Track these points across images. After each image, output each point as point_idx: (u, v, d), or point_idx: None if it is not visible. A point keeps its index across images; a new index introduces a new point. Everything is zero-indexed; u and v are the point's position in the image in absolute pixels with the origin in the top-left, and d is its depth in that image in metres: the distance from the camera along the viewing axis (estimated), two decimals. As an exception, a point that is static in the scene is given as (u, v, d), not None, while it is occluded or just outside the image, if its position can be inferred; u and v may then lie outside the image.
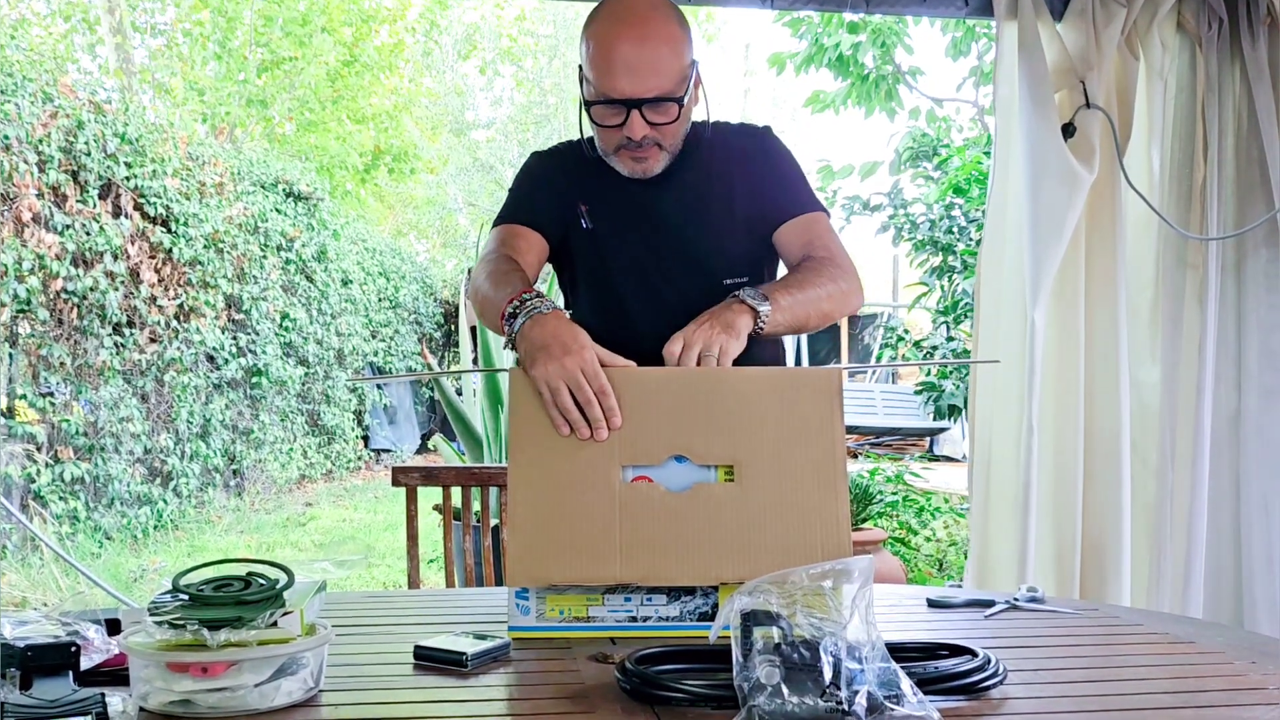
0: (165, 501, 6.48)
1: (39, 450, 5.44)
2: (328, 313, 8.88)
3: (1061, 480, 2.72)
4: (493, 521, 2.94)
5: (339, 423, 9.17)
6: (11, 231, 5.23)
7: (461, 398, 5.22)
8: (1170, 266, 2.78)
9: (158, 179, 6.41)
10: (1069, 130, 2.66)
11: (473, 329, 5.15)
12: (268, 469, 7.89)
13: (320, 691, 1.08)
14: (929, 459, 9.47)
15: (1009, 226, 2.74)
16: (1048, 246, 2.63)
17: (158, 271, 6.47)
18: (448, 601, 1.65)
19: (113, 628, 1.19)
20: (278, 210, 8.10)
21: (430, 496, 2.59)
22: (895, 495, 5.49)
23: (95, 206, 5.84)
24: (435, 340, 12.00)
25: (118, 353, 6.07)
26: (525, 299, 1.46)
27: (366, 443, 9.91)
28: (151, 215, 6.38)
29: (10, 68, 5.42)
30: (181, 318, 6.76)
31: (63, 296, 5.61)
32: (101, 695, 0.99)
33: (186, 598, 1.04)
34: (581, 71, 1.66)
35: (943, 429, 9.82)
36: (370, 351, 9.93)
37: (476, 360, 4.93)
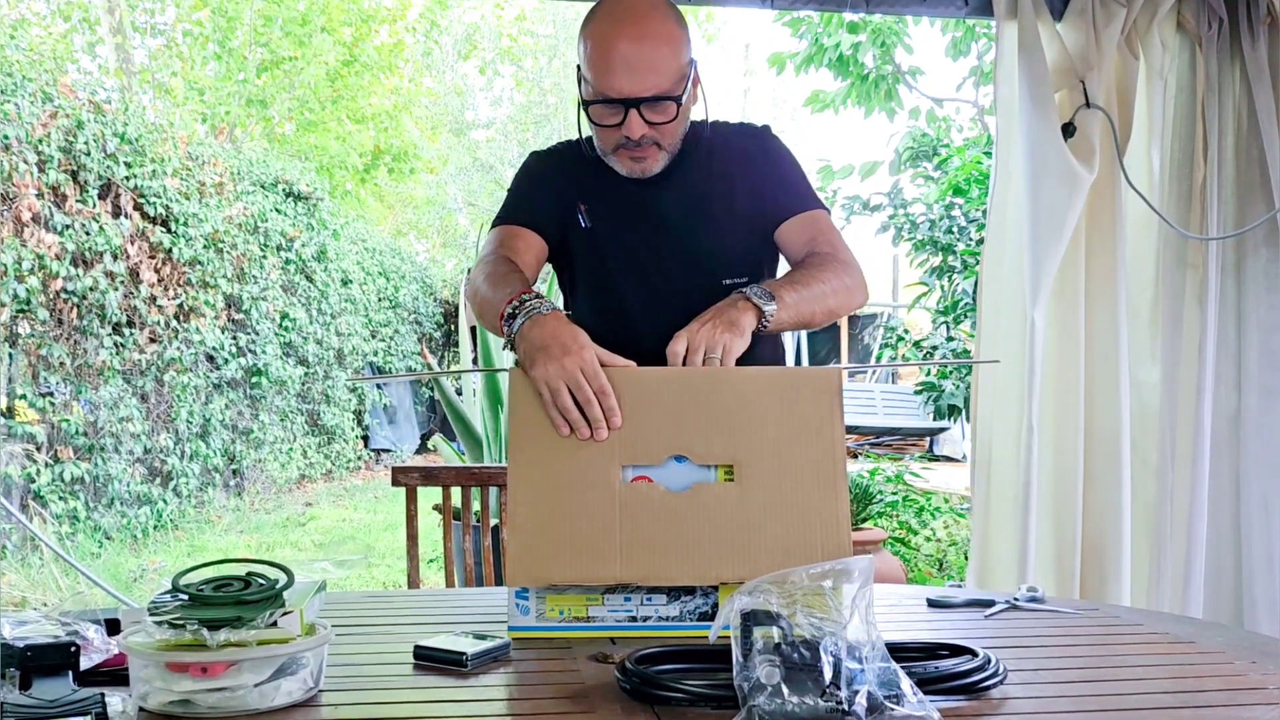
0: (165, 501, 6.48)
1: (39, 450, 5.44)
2: (327, 313, 8.88)
3: (1061, 480, 2.72)
4: (492, 521, 2.94)
5: (339, 423, 9.18)
6: (11, 231, 5.23)
7: (461, 398, 5.22)
8: (1170, 266, 2.78)
9: (157, 179, 6.41)
10: (1069, 130, 2.66)
11: (472, 329, 5.15)
12: (267, 469, 7.89)
13: (320, 691, 1.08)
14: (929, 459, 9.47)
15: (1009, 226, 2.74)
16: (1048, 246, 2.63)
17: (157, 271, 6.47)
18: (447, 601, 1.65)
19: (112, 628, 1.19)
20: (277, 210, 8.10)
21: (430, 496, 2.59)
22: (895, 495, 5.49)
23: (95, 206, 5.84)
24: (435, 340, 12.00)
25: (117, 353, 6.07)
26: (524, 300, 1.45)
27: (366, 443, 9.91)
28: (151, 215, 6.38)
29: (10, 68, 5.42)
30: (181, 318, 6.76)
31: (62, 296, 5.61)
32: (101, 695, 0.99)
33: (186, 598, 1.04)
34: (580, 71, 1.66)
35: (943, 429, 9.83)
36: (370, 351, 9.93)
37: (476, 360, 4.93)
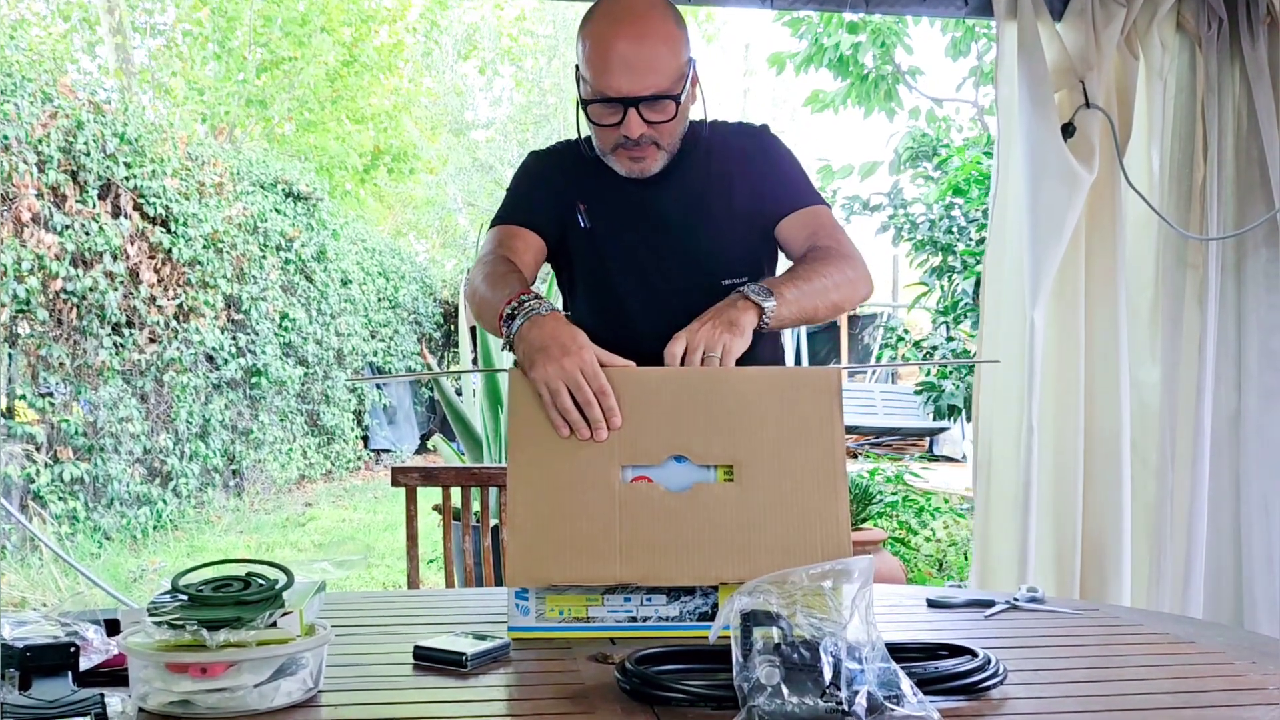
0: (165, 502, 6.47)
1: (38, 450, 5.44)
2: (327, 313, 8.88)
3: (1062, 480, 2.72)
4: (492, 522, 2.94)
5: (338, 423, 9.17)
6: (11, 232, 5.23)
7: (461, 398, 5.22)
8: (1170, 266, 2.78)
9: (157, 179, 6.41)
10: (1069, 130, 2.66)
11: (472, 329, 5.14)
12: (267, 469, 7.89)
13: (320, 692, 1.08)
14: (929, 459, 9.47)
15: (1010, 227, 2.74)
16: (1047, 246, 2.63)
17: (157, 272, 6.46)
18: (447, 602, 1.65)
19: (112, 628, 1.18)
20: (277, 210, 8.10)
21: (430, 497, 2.59)
22: (895, 495, 5.48)
23: (95, 207, 5.84)
24: (435, 340, 12.00)
25: (117, 353, 6.07)
26: (523, 300, 1.45)
27: (366, 443, 9.90)
28: (151, 215, 6.38)
29: (10, 68, 5.42)
30: (181, 318, 6.75)
31: (62, 297, 5.61)
32: (101, 696, 0.99)
33: (186, 598, 1.03)
34: (578, 71, 1.65)
35: (943, 429, 9.82)
36: (370, 351, 9.92)
37: (476, 360, 4.93)
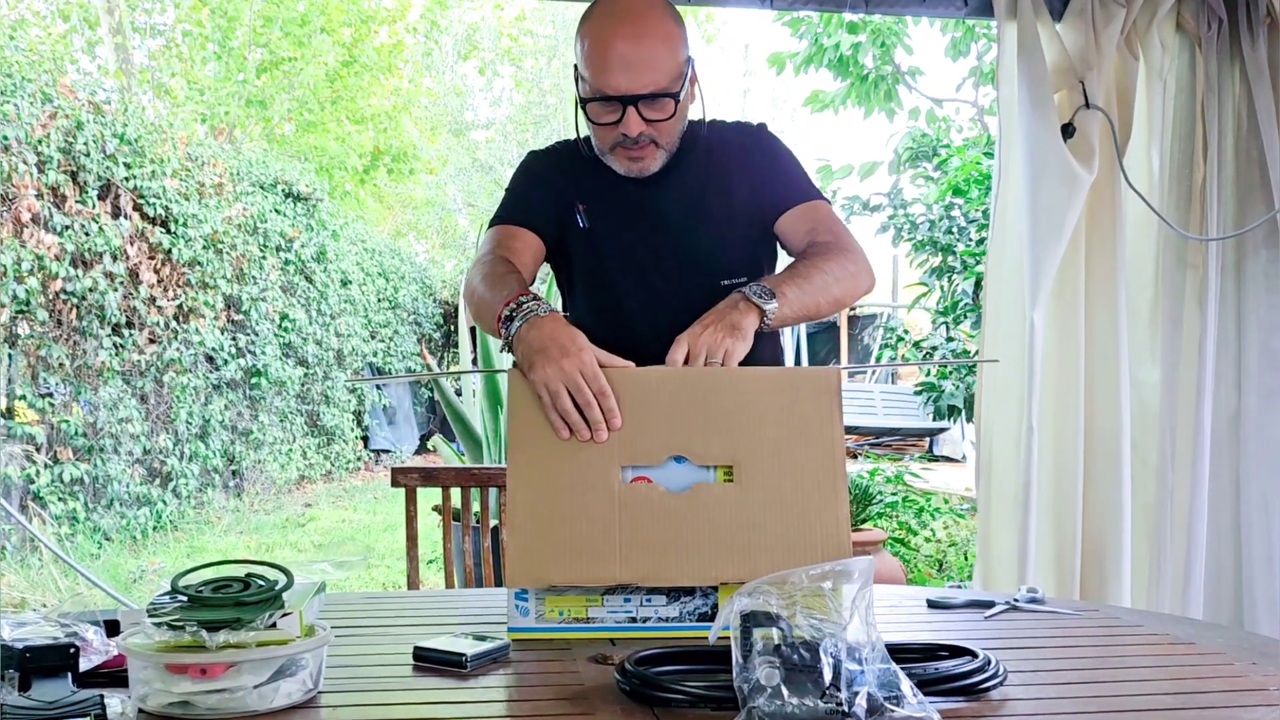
0: (164, 502, 6.47)
1: (38, 451, 5.44)
2: (327, 313, 8.88)
3: (1062, 480, 2.71)
4: (492, 522, 2.94)
5: (338, 423, 9.17)
6: (11, 232, 5.23)
7: (461, 398, 5.22)
8: (1170, 266, 2.78)
9: (157, 179, 6.41)
10: (1069, 130, 2.66)
11: (472, 329, 5.14)
12: (267, 470, 7.89)
13: (319, 693, 1.08)
14: (929, 459, 9.47)
15: (1011, 227, 2.74)
16: (1047, 247, 2.63)
17: (157, 272, 6.46)
18: (447, 602, 1.65)
19: (112, 629, 1.18)
20: (277, 211, 8.10)
21: (429, 497, 2.59)
22: (895, 496, 5.48)
23: (94, 207, 5.84)
24: (434, 341, 12.00)
25: (117, 353, 6.07)
26: (521, 302, 1.45)
27: (366, 443, 9.90)
28: (151, 216, 6.38)
29: (9, 68, 5.42)
30: (181, 318, 6.75)
31: (62, 297, 5.61)
32: (100, 697, 0.98)
33: (185, 599, 1.03)
34: (577, 70, 1.65)
35: (942, 429, 9.82)
36: (369, 352, 9.92)
37: (476, 361, 4.93)
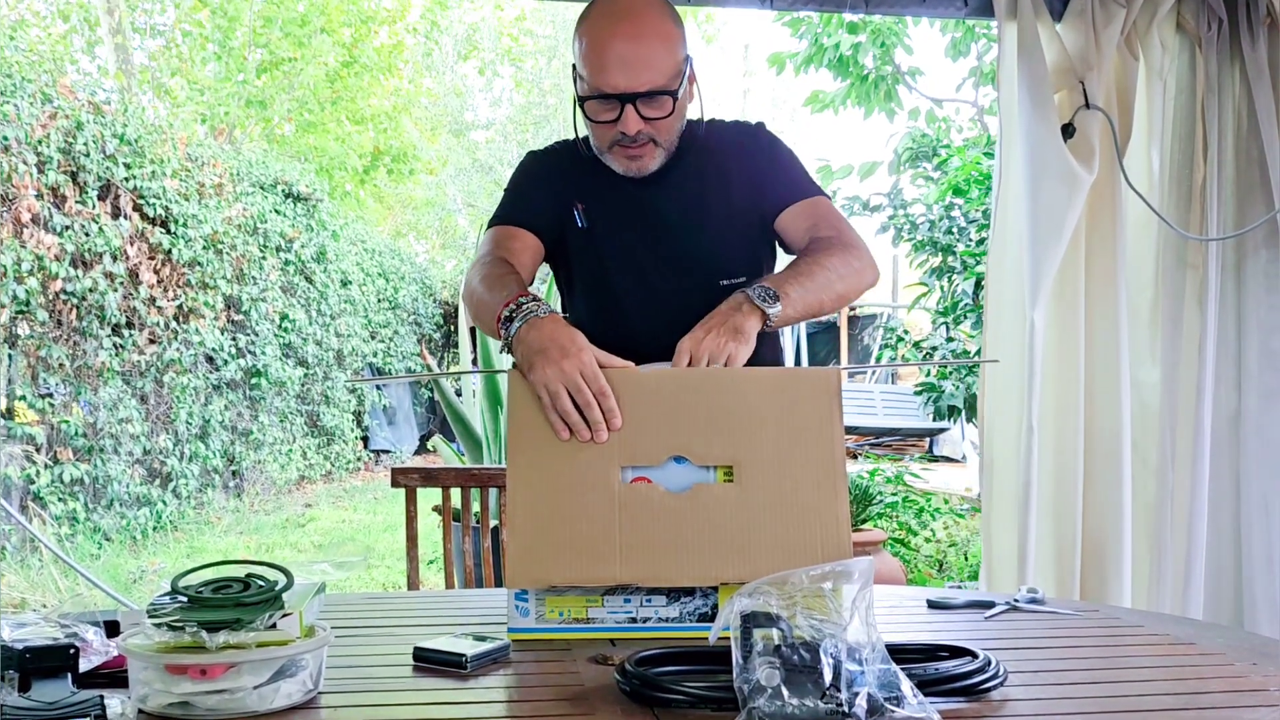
0: (164, 503, 6.47)
1: (38, 451, 5.43)
2: (327, 314, 8.88)
3: (1062, 480, 2.71)
4: (492, 523, 2.94)
5: (338, 424, 9.17)
6: (11, 232, 5.23)
7: (461, 398, 5.22)
8: (1170, 267, 2.78)
9: (157, 180, 6.41)
10: (1069, 131, 2.66)
11: (472, 330, 5.14)
12: (267, 470, 7.88)
13: (319, 693, 1.08)
14: (929, 459, 9.47)
15: (1012, 227, 2.74)
16: (1047, 247, 2.63)
17: (157, 272, 6.46)
18: (447, 603, 1.65)
19: (111, 629, 1.18)
20: (277, 211, 8.10)
21: (429, 498, 2.59)
22: (895, 496, 5.48)
23: (94, 207, 5.84)
24: (434, 341, 12.00)
25: (117, 354, 6.07)
26: (521, 303, 1.45)
27: (366, 444, 9.90)
28: (151, 216, 6.38)
29: (9, 68, 5.42)
30: (181, 319, 6.75)
31: (62, 297, 5.60)
32: (100, 698, 0.98)
33: (185, 599, 1.03)
34: (575, 70, 1.66)
35: (942, 429, 9.82)
36: (369, 352, 9.92)
37: (476, 361, 4.93)
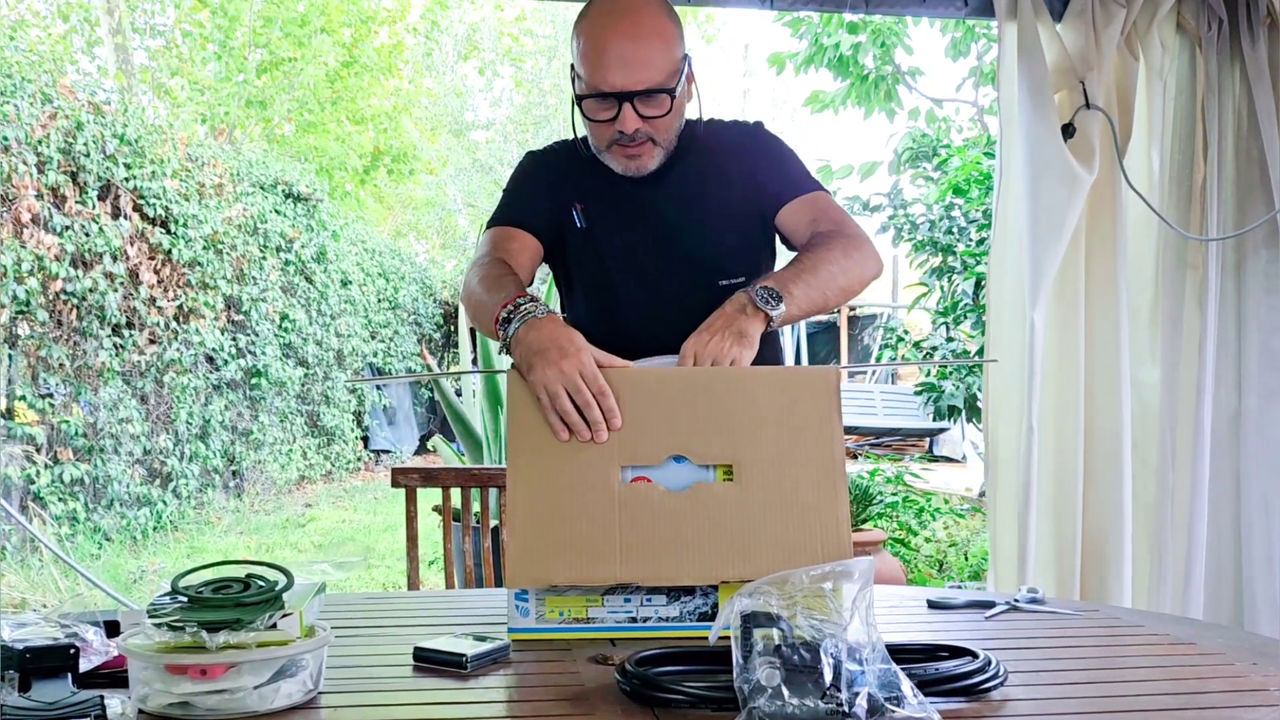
0: (165, 503, 6.47)
1: (38, 451, 5.43)
2: (327, 314, 8.88)
3: (1062, 480, 2.71)
4: (492, 523, 2.94)
5: (338, 424, 9.17)
6: (11, 233, 5.23)
7: (461, 398, 5.22)
8: (1170, 267, 2.78)
9: (157, 180, 6.41)
10: (1069, 131, 2.66)
11: (472, 330, 5.14)
12: (267, 470, 7.88)
13: (320, 693, 1.08)
14: (929, 459, 9.47)
15: (1012, 227, 2.74)
16: (1047, 247, 2.63)
17: (157, 273, 6.46)
18: (447, 603, 1.65)
19: (112, 629, 1.18)
20: (277, 211, 8.10)
21: (430, 498, 2.59)
22: (895, 496, 5.48)
23: (94, 207, 5.84)
24: (434, 341, 12.00)
25: (117, 354, 6.07)
26: (519, 303, 1.45)
27: (366, 444, 9.90)
28: (151, 216, 6.38)
29: (9, 68, 5.42)
30: (181, 319, 6.75)
31: (62, 298, 5.61)
32: (100, 698, 0.98)
33: (185, 599, 1.03)
34: (573, 69, 1.66)
35: (942, 429, 9.82)
36: (370, 352, 9.92)
37: (476, 361, 4.93)
